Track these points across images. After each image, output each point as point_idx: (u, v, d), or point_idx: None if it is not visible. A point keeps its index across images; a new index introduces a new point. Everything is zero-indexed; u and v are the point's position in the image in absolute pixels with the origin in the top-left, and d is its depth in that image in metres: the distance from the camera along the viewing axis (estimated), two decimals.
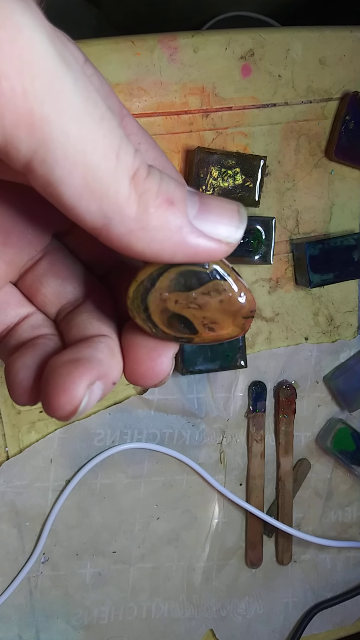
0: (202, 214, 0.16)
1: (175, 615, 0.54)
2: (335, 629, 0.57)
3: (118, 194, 0.15)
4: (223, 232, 0.17)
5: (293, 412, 0.53)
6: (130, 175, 0.15)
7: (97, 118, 0.14)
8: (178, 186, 0.16)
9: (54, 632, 0.51)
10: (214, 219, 0.17)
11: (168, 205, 0.16)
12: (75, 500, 0.51)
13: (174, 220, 0.16)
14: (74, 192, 0.15)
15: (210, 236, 0.16)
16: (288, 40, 0.47)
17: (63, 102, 0.14)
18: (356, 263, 0.49)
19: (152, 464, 0.52)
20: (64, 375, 0.17)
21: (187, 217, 0.16)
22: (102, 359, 0.18)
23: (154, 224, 0.15)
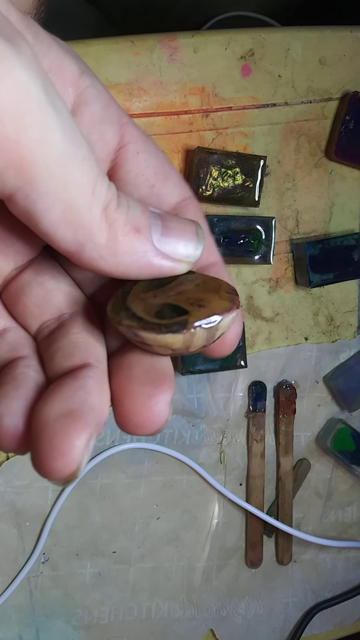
0: (165, 237, 0.18)
1: (175, 615, 0.54)
2: (335, 629, 0.57)
3: (91, 225, 0.16)
4: (183, 252, 0.18)
5: (293, 412, 0.53)
6: (102, 207, 0.17)
7: (79, 159, 0.16)
8: (143, 212, 0.18)
9: (54, 632, 0.52)
10: (174, 241, 0.18)
11: (135, 232, 0.17)
12: (75, 500, 0.51)
13: (140, 246, 0.17)
14: (52, 223, 0.16)
15: (172, 257, 0.18)
16: (288, 40, 0.47)
17: (51, 149, 0.15)
18: (356, 263, 0.49)
19: (152, 464, 0.52)
20: (57, 434, 0.15)
21: (151, 241, 0.18)
22: (94, 403, 0.16)
23: (122, 250, 0.17)
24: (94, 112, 0.20)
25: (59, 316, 0.20)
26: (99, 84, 0.20)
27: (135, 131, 0.21)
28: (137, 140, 0.21)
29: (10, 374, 0.18)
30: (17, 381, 0.18)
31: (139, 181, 0.21)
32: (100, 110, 0.20)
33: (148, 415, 0.17)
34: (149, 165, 0.21)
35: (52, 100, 0.15)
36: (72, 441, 0.15)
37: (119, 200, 0.17)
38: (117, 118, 0.20)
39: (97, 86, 0.20)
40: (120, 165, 0.21)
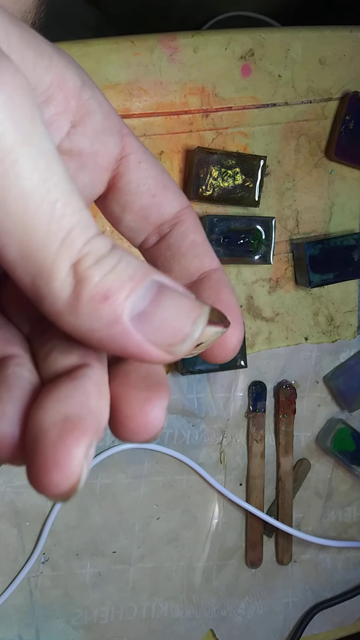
0: (149, 313, 0.15)
1: (175, 615, 0.54)
2: (335, 629, 0.57)
3: (51, 277, 0.14)
4: (169, 339, 0.15)
5: (293, 412, 0.53)
6: (72, 261, 0.14)
7: (50, 201, 0.14)
8: (129, 277, 0.15)
9: (54, 632, 0.52)
10: (161, 322, 0.15)
11: (101, 299, 0.14)
12: (75, 500, 0.51)
13: (106, 318, 0.14)
14: (10, 261, 0.14)
15: (153, 341, 0.15)
16: (288, 40, 0.47)
17: (11, 180, 0.13)
18: (356, 263, 0.49)
19: (152, 464, 0.52)
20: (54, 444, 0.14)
21: (122, 316, 0.14)
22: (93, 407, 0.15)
23: (83, 312, 0.14)
24: (97, 123, 0.20)
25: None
26: (99, 94, 0.20)
27: (136, 142, 0.21)
28: (137, 151, 0.21)
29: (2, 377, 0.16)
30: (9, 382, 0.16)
31: (141, 190, 0.21)
32: (102, 120, 0.20)
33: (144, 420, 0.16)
34: (150, 175, 0.21)
35: (24, 130, 0.14)
36: (69, 450, 0.14)
37: (105, 259, 0.15)
38: (118, 128, 0.21)
39: (98, 97, 0.20)
40: (121, 175, 0.21)
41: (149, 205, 0.21)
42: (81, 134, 0.20)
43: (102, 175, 0.21)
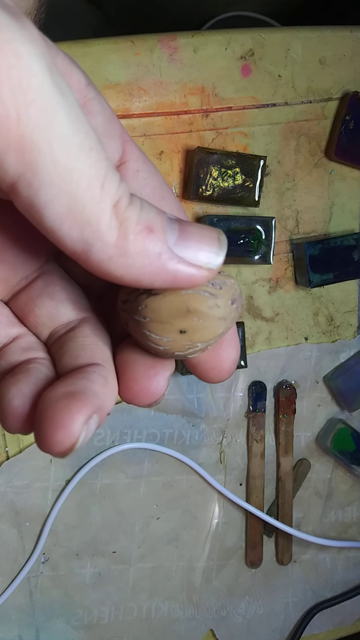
0: (182, 240, 0.17)
1: (175, 615, 0.54)
2: (335, 629, 0.57)
3: (99, 222, 0.15)
4: (203, 258, 0.17)
5: (293, 412, 0.53)
6: (112, 203, 0.16)
7: (86, 148, 0.15)
8: (158, 214, 0.16)
9: (54, 632, 0.52)
10: (194, 245, 0.17)
11: (147, 232, 0.16)
12: (75, 500, 0.51)
13: (152, 247, 0.16)
14: (57, 217, 0.15)
15: (190, 262, 0.17)
16: (288, 40, 0.47)
17: (54, 131, 0.14)
18: (356, 263, 0.49)
19: (152, 464, 0.52)
20: (60, 410, 0.16)
21: (166, 243, 0.16)
22: (97, 390, 0.17)
23: (132, 251, 0.16)
24: (98, 125, 0.19)
25: (68, 322, 0.21)
26: (102, 98, 0.20)
27: (136, 150, 0.21)
28: (137, 159, 0.20)
29: (23, 367, 0.19)
30: (29, 372, 0.19)
31: None
32: (103, 123, 0.20)
33: (147, 383, 0.19)
34: (148, 184, 0.20)
35: (56, 81, 0.14)
36: (72, 415, 0.16)
37: (132, 199, 0.16)
38: (119, 134, 0.20)
39: (101, 100, 0.20)
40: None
41: None
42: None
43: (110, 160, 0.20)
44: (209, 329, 0.18)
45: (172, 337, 0.18)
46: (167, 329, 0.18)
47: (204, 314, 0.18)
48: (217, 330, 0.18)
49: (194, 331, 0.18)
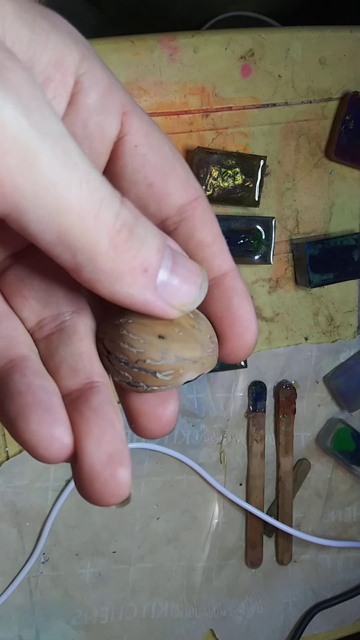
0: (168, 282, 0.17)
1: (175, 615, 0.54)
2: (335, 629, 0.57)
3: (94, 251, 0.15)
4: (182, 301, 0.17)
5: (293, 412, 0.53)
6: (110, 235, 0.15)
7: (75, 182, 0.15)
8: (158, 251, 0.16)
9: (54, 632, 0.52)
10: (176, 288, 0.17)
11: (142, 272, 0.16)
12: (75, 500, 0.51)
13: (142, 284, 0.16)
14: (48, 243, 0.15)
15: (169, 302, 0.17)
16: (288, 40, 0.47)
17: (36, 174, 0.14)
18: (356, 263, 0.49)
19: (152, 464, 0.52)
20: (109, 482, 0.16)
21: (154, 282, 0.16)
22: (121, 433, 0.17)
23: (123, 282, 0.16)
24: (90, 102, 0.18)
25: (58, 315, 0.19)
26: (98, 69, 0.18)
27: (137, 121, 0.19)
28: (137, 132, 0.19)
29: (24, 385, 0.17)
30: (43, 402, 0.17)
31: (136, 178, 0.19)
32: (97, 99, 0.18)
33: (160, 419, 0.19)
34: (148, 160, 0.19)
35: (34, 121, 0.14)
36: (122, 484, 0.16)
37: (135, 230, 0.16)
38: (118, 106, 0.19)
39: (95, 72, 0.18)
40: (117, 158, 0.19)
41: (146, 195, 0.19)
42: (73, 114, 0.18)
43: (99, 160, 0.19)
44: (185, 344, 0.18)
45: (150, 340, 0.18)
46: (147, 330, 0.18)
47: (185, 328, 0.18)
48: (194, 351, 0.18)
49: (173, 340, 0.18)
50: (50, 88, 0.17)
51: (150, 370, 0.18)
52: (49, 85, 0.17)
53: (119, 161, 0.19)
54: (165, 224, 0.19)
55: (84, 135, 0.18)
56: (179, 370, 0.18)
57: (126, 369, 0.18)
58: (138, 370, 0.18)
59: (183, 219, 0.19)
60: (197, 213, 0.19)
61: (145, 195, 0.19)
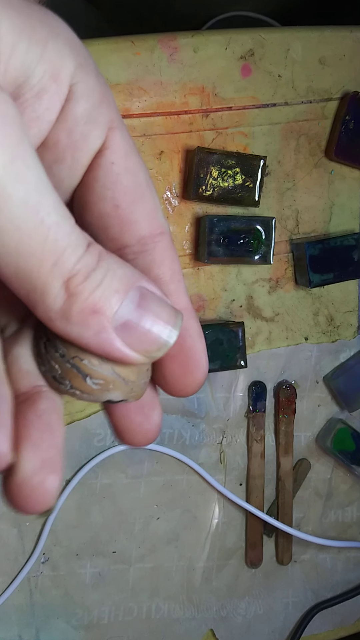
0: (131, 325, 0.16)
1: (175, 615, 0.54)
2: (335, 629, 0.57)
3: (44, 292, 0.15)
4: (145, 347, 0.16)
5: (293, 412, 0.53)
6: (64, 278, 0.15)
7: (41, 231, 0.15)
8: (116, 292, 0.16)
9: (54, 632, 0.52)
10: (141, 333, 0.16)
11: (90, 313, 0.16)
12: (75, 500, 0.51)
13: (94, 328, 0.16)
14: (6, 277, 0.15)
15: (131, 347, 0.16)
16: (288, 40, 0.47)
17: (3, 218, 0.14)
18: (356, 263, 0.49)
19: (152, 464, 0.52)
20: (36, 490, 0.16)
21: (110, 324, 0.16)
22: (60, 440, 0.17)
23: (74, 321, 0.16)
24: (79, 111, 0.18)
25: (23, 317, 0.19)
26: (93, 80, 0.18)
27: (120, 140, 0.18)
28: (118, 150, 0.18)
29: None
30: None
31: (104, 195, 0.18)
32: (87, 109, 0.18)
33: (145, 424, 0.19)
34: (119, 181, 0.18)
35: (15, 170, 0.14)
36: (50, 492, 0.16)
37: (92, 274, 0.16)
38: (106, 120, 0.18)
39: (89, 82, 0.18)
40: (91, 169, 0.18)
41: (109, 215, 0.18)
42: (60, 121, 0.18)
43: (79, 170, 0.18)
44: (127, 366, 0.18)
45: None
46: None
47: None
48: (131, 374, 0.18)
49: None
50: (45, 99, 0.17)
51: (83, 371, 0.17)
52: (44, 97, 0.17)
53: (91, 173, 0.18)
54: (124, 251, 0.19)
55: (68, 143, 0.18)
56: (109, 384, 0.18)
57: (59, 361, 0.17)
58: (71, 366, 0.17)
59: (143, 251, 0.19)
60: (158, 248, 0.19)
61: (109, 215, 0.18)
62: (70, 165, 0.18)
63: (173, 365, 0.19)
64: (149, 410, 0.20)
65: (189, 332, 0.19)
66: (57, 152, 0.18)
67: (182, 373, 0.19)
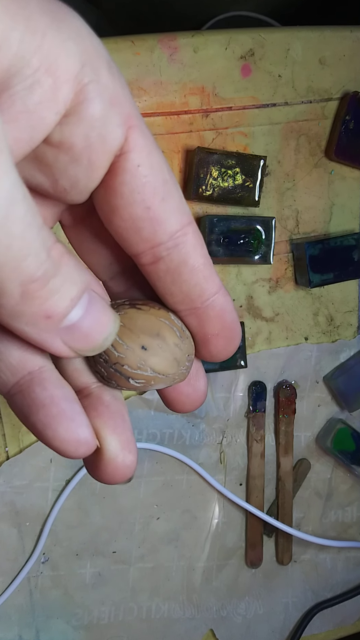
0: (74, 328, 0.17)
1: (175, 615, 0.54)
2: (335, 629, 0.57)
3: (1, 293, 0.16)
4: (80, 347, 0.18)
5: (293, 412, 0.53)
6: (22, 284, 0.16)
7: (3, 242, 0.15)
8: (71, 299, 0.17)
9: (54, 632, 0.52)
10: (81, 336, 0.17)
11: (44, 318, 0.17)
12: (75, 500, 0.51)
13: (42, 328, 0.17)
14: None
15: (68, 345, 0.18)
16: (288, 40, 0.47)
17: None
18: (356, 263, 0.49)
19: (152, 464, 0.52)
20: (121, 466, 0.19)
21: (56, 328, 0.17)
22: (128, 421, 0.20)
23: (24, 320, 0.16)
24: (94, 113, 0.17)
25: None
26: (105, 76, 0.17)
27: (142, 139, 0.18)
28: (141, 150, 0.18)
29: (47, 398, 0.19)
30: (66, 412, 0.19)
31: (134, 198, 0.18)
32: (102, 109, 0.17)
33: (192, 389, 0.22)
34: (148, 182, 0.18)
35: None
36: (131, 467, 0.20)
37: (51, 281, 0.16)
38: (123, 119, 0.18)
39: (101, 80, 0.17)
40: (116, 174, 0.18)
41: (142, 218, 0.19)
42: (74, 124, 0.17)
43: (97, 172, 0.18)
44: (163, 360, 0.20)
45: (132, 348, 0.19)
46: (133, 338, 0.19)
47: (168, 345, 0.20)
48: (169, 367, 0.20)
49: (153, 354, 0.19)
50: (37, 92, 0.16)
51: (125, 374, 0.19)
52: (36, 90, 0.16)
53: (118, 177, 0.18)
54: (157, 249, 0.19)
55: (85, 146, 0.17)
56: (151, 381, 0.20)
57: (104, 366, 0.20)
58: (114, 371, 0.19)
59: (177, 245, 0.19)
60: (189, 240, 0.19)
61: (141, 217, 0.19)
62: (87, 166, 0.18)
63: (219, 341, 0.21)
64: (195, 381, 0.22)
65: (228, 309, 0.21)
66: (73, 155, 0.18)
67: (225, 345, 0.21)
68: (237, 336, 0.21)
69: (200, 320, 0.21)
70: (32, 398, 0.19)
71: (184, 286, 0.20)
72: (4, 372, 0.19)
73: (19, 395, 0.19)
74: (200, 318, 0.20)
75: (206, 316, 0.20)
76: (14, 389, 0.19)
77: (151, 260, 0.19)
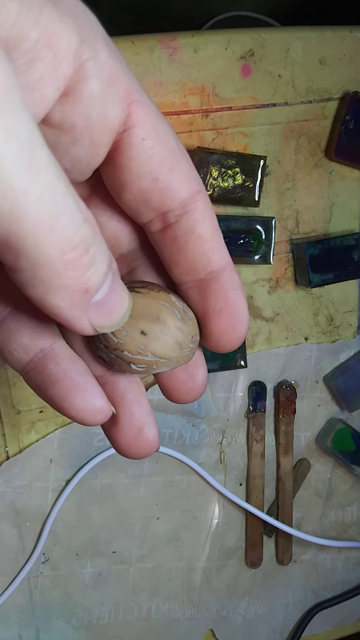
0: (100, 305, 0.17)
1: (175, 615, 0.54)
2: (335, 629, 0.57)
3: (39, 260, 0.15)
4: (102, 324, 0.18)
5: (293, 412, 0.53)
6: (63, 250, 0.15)
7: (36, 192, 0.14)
8: (104, 274, 0.16)
9: (54, 632, 0.52)
10: (104, 313, 0.17)
11: (82, 293, 0.16)
12: (75, 500, 0.51)
13: (76, 304, 0.16)
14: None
15: (91, 323, 0.17)
16: (288, 40, 0.47)
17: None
18: (356, 263, 0.49)
19: (152, 464, 0.52)
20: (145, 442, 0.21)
21: (87, 305, 0.16)
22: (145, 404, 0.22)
23: (58, 295, 0.15)
24: (93, 91, 0.17)
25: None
26: (103, 53, 0.17)
27: (144, 112, 0.18)
28: (144, 124, 0.18)
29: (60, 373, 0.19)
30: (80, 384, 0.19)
31: (142, 172, 0.18)
32: (101, 88, 0.17)
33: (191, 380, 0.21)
34: (155, 154, 0.18)
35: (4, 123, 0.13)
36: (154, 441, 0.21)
37: (90, 250, 0.15)
38: (123, 95, 0.18)
39: (100, 58, 0.17)
40: (122, 150, 0.18)
41: (151, 189, 0.19)
42: (74, 103, 0.17)
43: (99, 150, 0.18)
44: (164, 344, 0.19)
45: (132, 334, 0.19)
46: (132, 324, 0.19)
47: (169, 328, 0.19)
48: (171, 351, 0.19)
49: (154, 339, 0.19)
50: (38, 68, 0.16)
51: (125, 360, 0.19)
52: (37, 65, 0.16)
53: (124, 153, 0.18)
54: (166, 216, 0.19)
55: (85, 125, 0.17)
56: (153, 365, 0.20)
57: (105, 351, 0.20)
58: (115, 357, 0.19)
59: (185, 212, 0.19)
60: (198, 208, 0.19)
61: (149, 189, 0.19)
62: (89, 146, 0.18)
63: (220, 320, 0.20)
64: (193, 369, 0.21)
65: (233, 286, 0.20)
66: (75, 135, 0.17)
67: (228, 326, 0.20)
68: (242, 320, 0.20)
69: (202, 294, 0.20)
70: (46, 374, 0.19)
71: (189, 255, 0.20)
72: (17, 350, 0.19)
73: (33, 372, 0.19)
74: (203, 291, 0.20)
75: (209, 289, 0.20)
76: (28, 366, 0.20)
77: (160, 227, 0.19)
